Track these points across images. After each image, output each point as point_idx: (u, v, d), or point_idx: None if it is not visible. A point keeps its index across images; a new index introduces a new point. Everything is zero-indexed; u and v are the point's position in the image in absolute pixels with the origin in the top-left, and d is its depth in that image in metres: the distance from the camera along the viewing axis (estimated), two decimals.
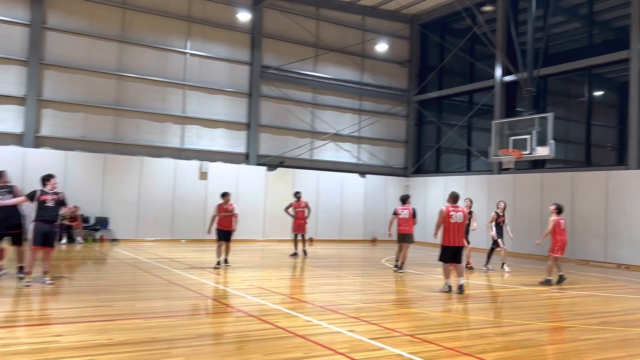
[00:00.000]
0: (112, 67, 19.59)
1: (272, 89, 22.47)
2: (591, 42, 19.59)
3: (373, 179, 24.21)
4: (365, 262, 16.46)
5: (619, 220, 16.75)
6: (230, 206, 12.93)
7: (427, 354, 5.81)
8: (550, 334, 7.35)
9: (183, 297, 9.04)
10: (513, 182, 19.95)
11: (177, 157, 20.43)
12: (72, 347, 5.55)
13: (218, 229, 12.88)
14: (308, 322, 7.21)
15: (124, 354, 5.42)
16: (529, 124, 16.43)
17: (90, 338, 5.95)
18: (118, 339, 5.98)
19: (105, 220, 18.66)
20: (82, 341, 5.81)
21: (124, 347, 5.68)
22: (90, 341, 5.82)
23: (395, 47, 25.14)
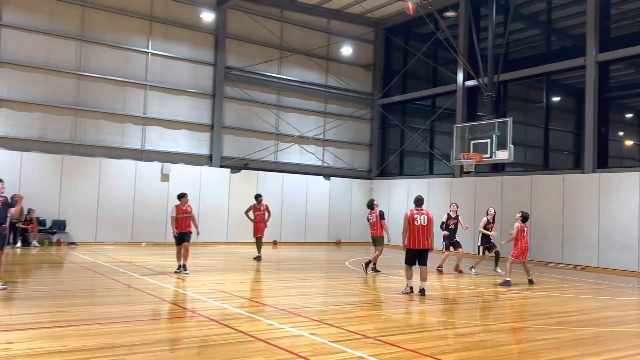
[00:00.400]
0: (71, 66, 19.10)
1: (236, 91, 22.31)
2: (549, 49, 20.15)
3: (337, 181, 24.28)
4: (330, 264, 16.47)
5: (575, 223, 17.24)
6: (188, 207, 12.38)
7: (388, 356, 5.84)
8: (508, 334, 7.49)
9: (142, 301, 8.86)
10: (474, 185, 20.31)
11: (138, 158, 20.05)
12: (25, 355, 5.37)
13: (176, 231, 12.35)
14: (270, 326, 7.16)
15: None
16: (489, 128, 16.75)
17: (44, 345, 5.76)
18: (73, 345, 5.81)
19: (62, 223, 18.15)
20: (35, 348, 5.62)
21: (79, 353, 5.52)
22: (43, 348, 5.64)
23: (360, 50, 25.31)
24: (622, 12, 18.30)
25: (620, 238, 16.09)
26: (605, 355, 6.35)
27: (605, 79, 17.82)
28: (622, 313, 9.46)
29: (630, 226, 15.85)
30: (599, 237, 16.58)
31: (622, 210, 16.11)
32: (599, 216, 16.61)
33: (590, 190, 16.90)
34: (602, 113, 17.61)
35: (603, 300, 10.88)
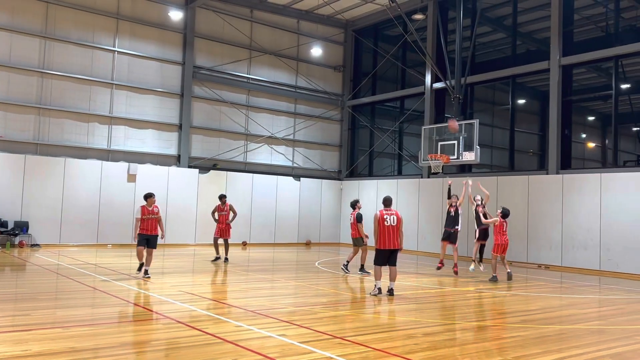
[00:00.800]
0: (35, 64, 18.63)
1: (205, 90, 22.11)
2: (515, 52, 20.56)
3: (307, 182, 24.29)
4: (299, 265, 16.46)
5: (539, 223, 17.63)
6: (155, 208, 11.79)
7: (356, 355, 5.87)
8: (474, 332, 7.61)
9: (108, 304, 8.70)
10: (442, 185, 20.57)
11: (104, 158, 19.69)
12: None
13: (140, 233, 11.67)
14: (238, 328, 7.12)
15: None
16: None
17: (5, 349, 5.61)
18: (35, 349, 5.67)
19: (25, 225, 17.69)
20: None
21: (41, 358, 5.39)
22: (5, 353, 5.48)
23: (330, 51, 25.38)
24: (584, 17, 18.82)
25: (582, 238, 16.52)
26: (567, 352, 6.51)
27: (568, 82, 18.28)
28: (583, 311, 9.72)
29: (592, 226, 16.29)
30: (562, 236, 16.99)
31: (584, 210, 16.55)
32: (563, 216, 17.03)
33: (554, 191, 17.31)
34: (565, 115, 18.06)
35: (566, 298, 11.15)
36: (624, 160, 18.43)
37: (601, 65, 18.45)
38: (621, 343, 7.08)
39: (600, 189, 16.23)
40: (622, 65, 17.37)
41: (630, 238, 15.42)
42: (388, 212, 10.27)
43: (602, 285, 13.68)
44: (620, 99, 17.34)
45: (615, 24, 18.00)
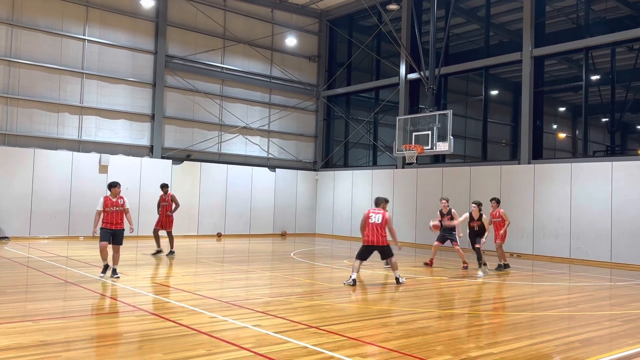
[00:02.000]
0: (1, 52, 18.13)
1: (178, 80, 21.81)
2: (488, 44, 20.75)
3: (283, 172, 24.22)
4: (275, 256, 16.44)
5: (512, 212, 17.85)
6: (120, 200, 10.52)
7: (331, 344, 5.89)
8: (448, 320, 7.70)
9: (80, 296, 8.56)
10: (416, 176, 20.73)
11: (75, 149, 19.31)
12: None
13: (103, 227, 10.38)
14: (213, 319, 7.07)
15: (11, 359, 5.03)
16: (430, 121, 17.10)
17: None
18: (4, 343, 5.55)
19: None
20: None
21: (10, 352, 5.28)
22: None
23: (305, 41, 25.25)
24: (556, 9, 19.07)
25: (553, 226, 16.84)
26: (538, 338, 6.64)
27: (540, 73, 18.54)
28: (554, 298, 9.92)
29: (563, 215, 16.62)
30: (534, 225, 17.30)
31: (555, 199, 16.86)
32: (534, 206, 17.32)
33: (526, 180, 17.59)
34: (537, 106, 18.33)
35: (537, 286, 11.37)
36: (594, 150, 18.82)
37: (572, 56, 18.76)
38: (590, 329, 7.24)
39: (571, 179, 16.54)
40: (592, 56, 17.69)
41: (599, 227, 15.78)
42: (375, 211, 10.67)
43: (572, 272, 13.98)
44: (590, 90, 17.66)
45: (585, 15, 18.29)
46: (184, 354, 5.40)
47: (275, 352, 5.53)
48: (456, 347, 6.00)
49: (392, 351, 5.71)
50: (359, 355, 5.49)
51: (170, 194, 15.00)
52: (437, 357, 5.56)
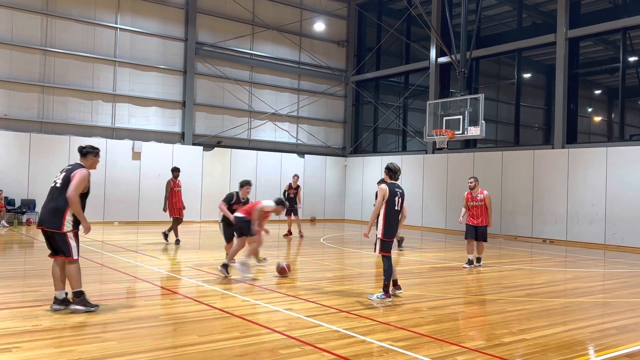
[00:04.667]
0: (37, 42, 18.53)
1: (208, 67, 21.97)
2: (521, 26, 20.30)
3: (312, 158, 24.27)
4: (304, 241, 16.54)
5: (545, 198, 17.61)
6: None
7: (362, 329, 5.93)
8: (479, 306, 7.66)
9: (116, 280, 8.79)
10: (447, 161, 20.54)
11: (109, 136, 19.70)
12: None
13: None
14: (245, 302, 7.19)
15: (51, 339, 5.23)
16: (461, 105, 16.89)
17: (16, 325, 5.69)
18: (45, 324, 5.75)
19: (32, 203, 17.81)
20: (6, 328, 5.54)
21: (51, 332, 5.47)
22: (15, 328, 5.56)
23: (333, 26, 25.11)
24: None
25: (587, 212, 16.52)
26: (571, 324, 6.56)
27: (575, 55, 18.07)
28: (588, 284, 9.76)
29: (598, 200, 16.27)
30: (567, 211, 16.99)
31: (589, 184, 16.51)
32: (568, 191, 17.00)
33: (560, 165, 17.25)
34: (571, 89, 17.90)
35: (571, 272, 11.20)
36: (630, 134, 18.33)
37: (608, 37, 18.22)
38: (625, 315, 7.12)
39: (606, 163, 16.16)
40: (630, 37, 17.15)
41: (635, 212, 15.41)
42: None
43: (606, 259, 13.72)
44: (627, 72, 17.15)
45: None
46: (218, 336, 5.52)
47: (307, 335, 5.60)
48: (489, 333, 5.98)
49: (423, 336, 5.73)
50: (391, 340, 5.52)
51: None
52: (469, 342, 5.55)
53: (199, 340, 5.36)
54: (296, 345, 5.26)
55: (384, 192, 7.48)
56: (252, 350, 5.07)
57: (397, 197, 7.57)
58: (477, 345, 5.42)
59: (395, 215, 7.64)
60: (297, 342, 5.35)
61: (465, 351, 5.23)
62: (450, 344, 5.44)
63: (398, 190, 7.62)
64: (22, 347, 4.95)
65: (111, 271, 9.49)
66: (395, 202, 7.55)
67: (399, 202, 7.62)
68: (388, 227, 7.54)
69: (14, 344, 5.01)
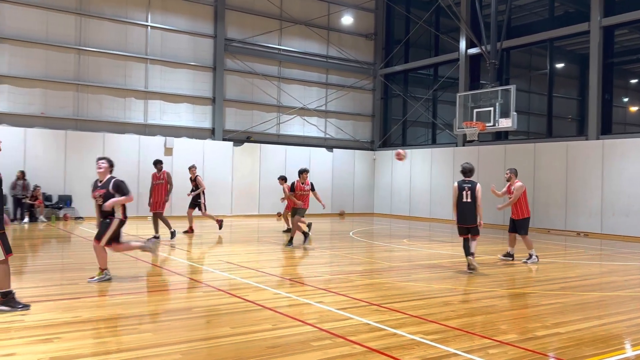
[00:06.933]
0: (71, 41, 18.97)
1: (237, 63, 22.16)
2: (553, 15, 19.88)
3: (340, 152, 24.28)
4: (334, 235, 16.60)
5: (578, 190, 17.27)
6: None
7: (393, 322, 5.94)
8: (512, 300, 7.59)
9: (150, 273, 8.99)
10: (477, 153, 20.29)
11: (141, 133, 20.07)
12: (37, 326, 5.48)
13: None
14: (277, 295, 7.27)
15: (90, 331, 5.39)
16: (492, 96, 16.67)
17: (56, 316, 5.88)
18: (84, 316, 5.93)
19: (68, 198, 18.29)
20: (47, 320, 5.73)
21: (90, 324, 5.64)
22: (55, 319, 5.75)
23: (361, 19, 25.02)
24: None
25: (623, 204, 16.14)
26: (607, 318, 6.45)
27: (609, 44, 17.63)
28: (624, 278, 9.56)
29: (634, 192, 15.88)
30: (602, 203, 16.63)
31: (625, 176, 16.12)
32: (603, 183, 16.64)
33: (594, 157, 16.88)
34: (606, 79, 17.47)
35: (606, 265, 10.98)
36: None
37: None
38: None
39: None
40: None
41: None
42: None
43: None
44: None
45: None
46: (250, 328, 5.60)
47: (339, 327, 5.64)
48: (521, 327, 5.92)
49: (454, 329, 5.71)
50: (422, 333, 5.52)
51: (165, 172, 13.54)
52: (501, 336, 5.52)
53: (232, 332, 5.45)
54: (327, 337, 5.31)
55: (454, 188, 9.56)
56: (284, 342, 5.14)
57: (464, 191, 9.41)
58: (510, 339, 5.39)
59: (464, 206, 9.41)
60: (328, 334, 5.40)
61: (498, 344, 5.20)
62: (482, 337, 5.42)
63: (465, 185, 9.45)
64: (62, 337, 5.12)
65: (145, 264, 9.70)
66: (462, 195, 9.42)
67: (467, 195, 9.37)
68: (458, 215, 9.53)
69: (55, 335, 5.18)
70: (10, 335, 5.17)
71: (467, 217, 9.40)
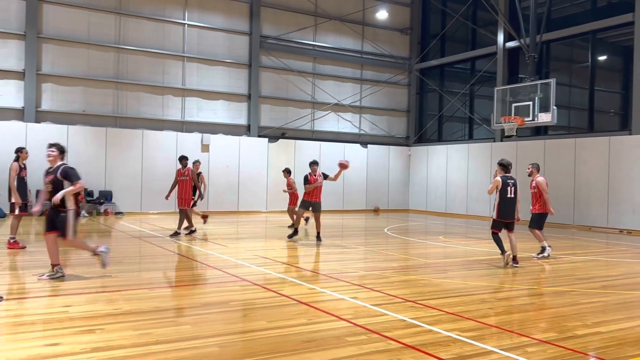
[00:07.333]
0: (111, 40, 19.41)
1: (272, 60, 22.29)
2: (595, 6, 19.30)
3: (375, 148, 24.18)
4: (369, 231, 16.57)
5: (621, 186, 16.76)
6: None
7: (429, 318, 5.90)
8: (552, 298, 7.43)
9: (188, 267, 9.15)
10: (515, 149, 19.91)
11: (179, 129, 20.41)
12: (81, 317, 5.65)
13: None
14: (312, 290, 7.31)
15: (131, 322, 5.52)
16: (531, 90, 16.32)
17: (98, 308, 6.05)
18: (125, 308, 6.08)
19: (109, 194, 18.77)
20: (90, 311, 5.91)
21: (131, 316, 5.78)
22: (98, 311, 5.92)
23: (396, 14, 24.82)
24: None
25: None
26: None
27: None
28: None
29: None
30: None
31: None
32: None
33: (638, 152, 16.35)
34: None
35: None
36: None
37: None
38: None
39: None
40: None
41: None
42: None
43: None
44: None
45: None
46: (286, 322, 5.65)
47: (374, 323, 5.63)
48: (561, 325, 5.80)
49: (492, 327, 5.63)
50: (458, 330, 5.46)
51: (189, 168, 13.28)
52: (540, 334, 5.41)
53: (268, 326, 5.51)
54: (362, 333, 5.31)
55: (498, 183, 9.47)
56: (319, 337, 5.16)
57: (509, 187, 9.45)
58: (549, 337, 5.28)
59: (508, 201, 9.47)
60: (363, 330, 5.40)
61: (536, 343, 5.11)
62: (520, 335, 5.33)
63: (510, 181, 9.47)
64: (104, 329, 5.27)
65: (184, 259, 9.88)
66: (507, 191, 9.45)
67: (511, 190, 9.46)
68: (501, 210, 9.52)
69: (97, 326, 5.34)
70: (55, 326, 5.35)
71: (509, 212, 9.57)
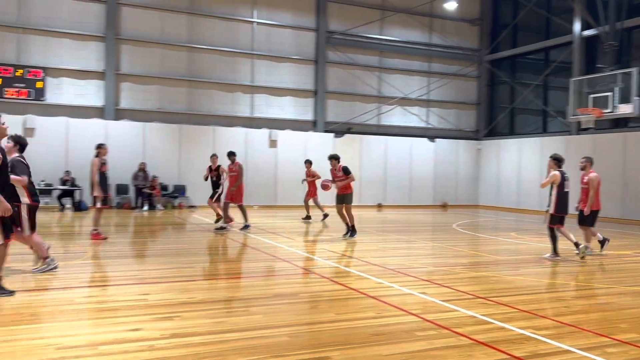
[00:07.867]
0: (183, 39, 20.11)
1: (338, 55, 22.34)
2: None
3: (443, 143, 23.76)
4: (436, 227, 16.33)
5: None
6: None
7: (501, 315, 5.77)
8: (632, 297, 7.07)
9: (258, 259, 9.38)
10: (593, 142, 19.00)
11: (248, 126, 20.88)
12: (159, 305, 5.93)
13: None
14: (379, 284, 7.31)
15: (205, 311, 5.74)
16: (610, 81, 15.53)
17: (174, 296, 6.32)
18: (199, 297, 6.32)
19: (182, 188, 19.50)
20: (167, 299, 6.19)
21: (205, 305, 6.00)
22: (174, 299, 6.19)
23: (465, 4, 24.22)
24: None
25: None
26: None
27: None
28: None
29: None
30: None
31: None
32: None
33: None
34: None
35: None
36: None
37: None
38: None
39: None
40: None
41: None
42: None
43: None
44: None
45: None
46: (354, 315, 5.70)
47: (443, 319, 5.58)
48: None
49: (568, 325, 5.44)
50: (532, 328, 5.31)
51: (238, 163, 13.46)
52: (620, 334, 5.18)
53: (337, 318, 5.57)
54: (432, 328, 5.27)
55: (557, 177, 9.47)
56: (388, 331, 5.17)
57: (566, 182, 9.49)
58: (630, 338, 5.04)
59: (565, 196, 9.46)
60: (433, 325, 5.36)
61: (617, 344, 4.89)
62: (598, 335, 5.12)
63: (566, 175, 9.55)
64: (181, 316, 5.51)
65: (254, 251, 10.14)
66: (565, 185, 9.46)
67: (568, 185, 9.50)
68: (560, 205, 9.48)
69: (174, 314, 5.59)
70: (136, 312, 5.64)
71: (566, 206, 9.57)
